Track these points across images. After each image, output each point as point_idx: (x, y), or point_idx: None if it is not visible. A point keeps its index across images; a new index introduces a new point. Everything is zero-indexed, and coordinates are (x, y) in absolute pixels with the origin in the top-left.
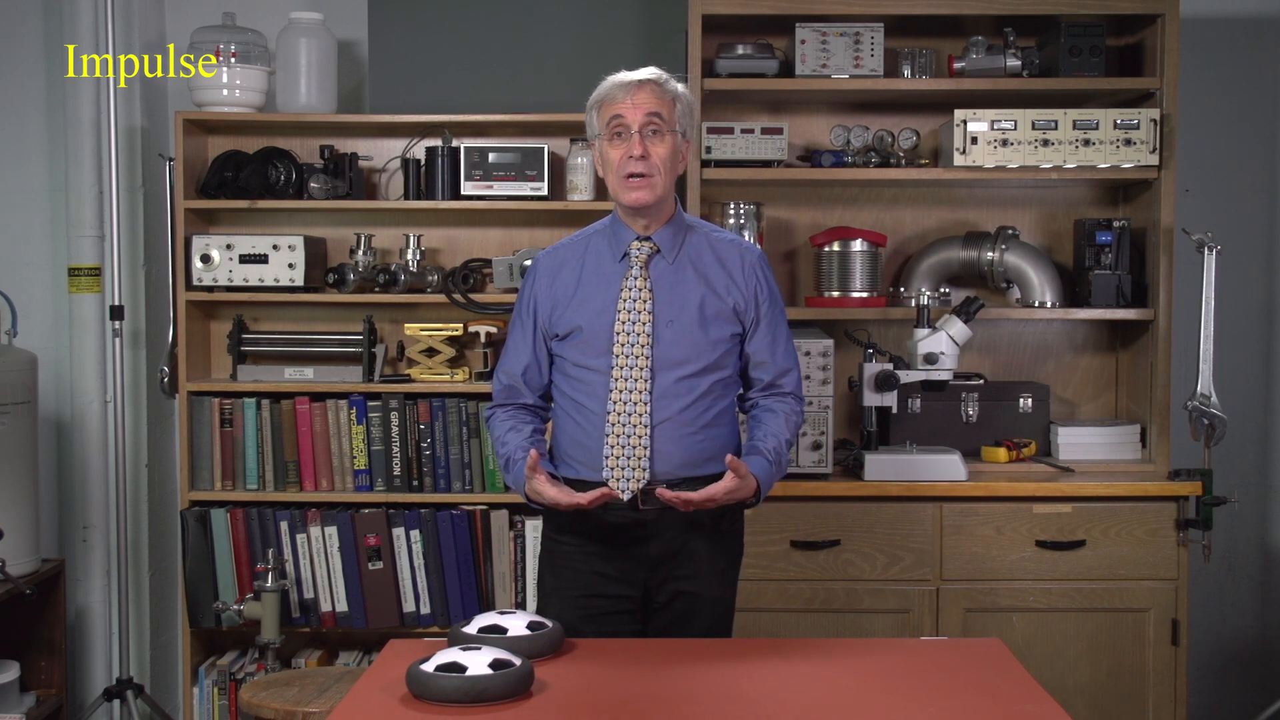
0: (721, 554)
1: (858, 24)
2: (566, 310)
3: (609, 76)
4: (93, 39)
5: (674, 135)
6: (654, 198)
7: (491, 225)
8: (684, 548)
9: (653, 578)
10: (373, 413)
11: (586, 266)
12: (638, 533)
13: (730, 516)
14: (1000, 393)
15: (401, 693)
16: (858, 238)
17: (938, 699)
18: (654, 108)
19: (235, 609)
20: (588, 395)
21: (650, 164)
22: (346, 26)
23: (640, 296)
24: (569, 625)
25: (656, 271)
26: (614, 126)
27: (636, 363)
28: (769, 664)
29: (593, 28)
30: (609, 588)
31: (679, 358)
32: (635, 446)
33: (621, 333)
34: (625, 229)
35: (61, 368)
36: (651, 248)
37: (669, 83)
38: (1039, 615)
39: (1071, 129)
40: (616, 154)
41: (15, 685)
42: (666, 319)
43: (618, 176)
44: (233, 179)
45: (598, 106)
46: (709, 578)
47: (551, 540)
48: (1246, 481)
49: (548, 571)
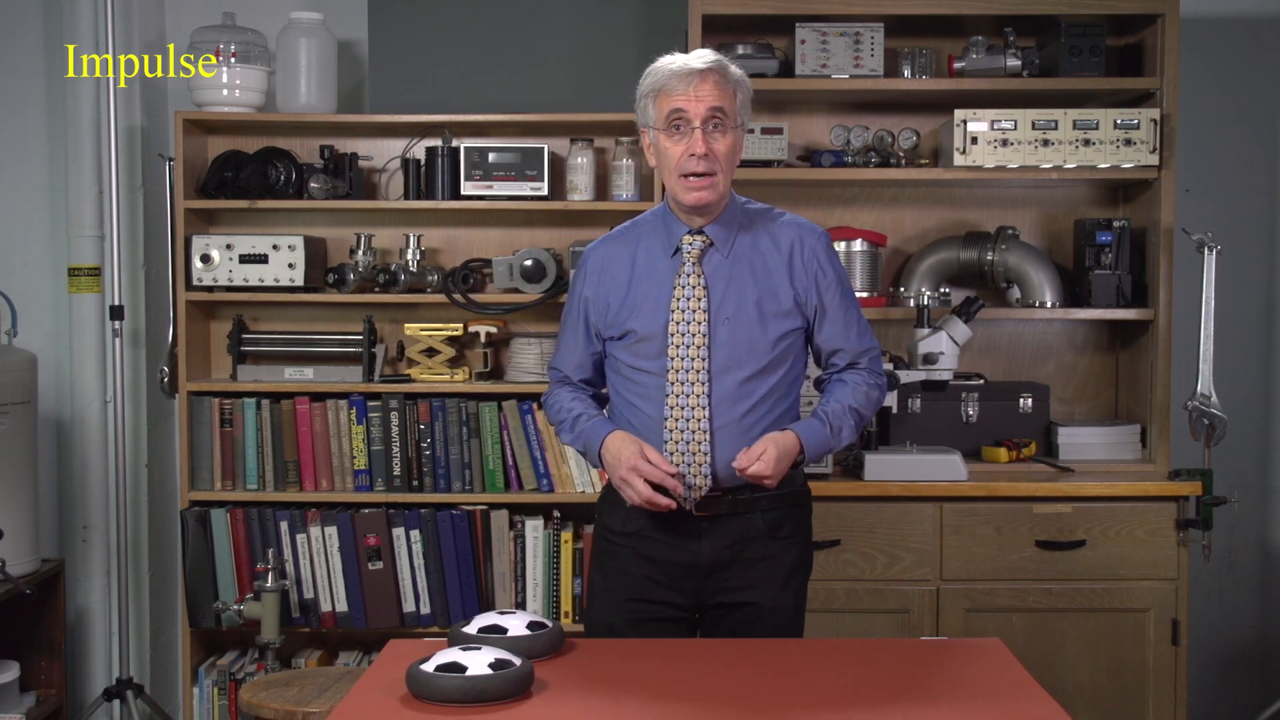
0: (781, 562)
1: (858, 24)
2: (619, 311)
3: (663, 59)
4: (93, 39)
5: (736, 130)
6: (716, 196)
7: (491, 225)
8: (739, 556)
9: (705, 586)
10: (373, 413)
11: (638, 263)
12: (691, 538)
13: (790, 523)
14: (1000, 393)
15: (401, 693)
16: (858, 238)
17: (938, 699)
18: (717, 101)
19: (235, 609)
20: (643, 398)
21: (712, 161)
22: (346, 26)
23: (695, 295)
24: (614, 629)
25: (710, 266)
26: (673, 120)
27: (693, 365)
28: (769, 664)
29: (593, 28)
30: (657, 593)
31: (738, 359)
32: (695, 454)
33: (676, 334)
34: (677, 222)
35: (61, 368)
36: (705, 241)
37: (730, 71)
38: (1039, 615)
39: (1071, 129)
40: (676, 150)
41: (15, 685)
42: (723, 317)
43: (676, 174)
44: (233, 179)
45: (654, 96)
46: (766, 586)
47: (605, 540)
48: (1246, 481)
49: (598, 571)
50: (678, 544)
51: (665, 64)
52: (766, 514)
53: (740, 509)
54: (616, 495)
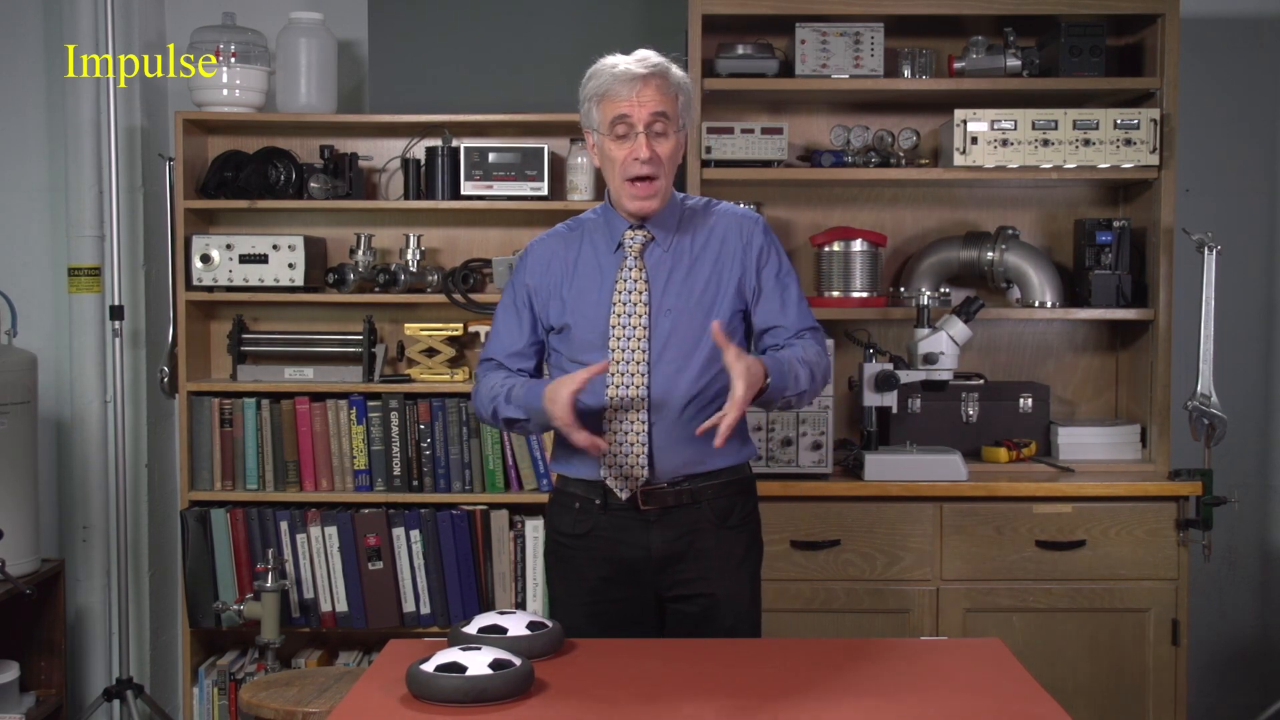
0: (732, 551)
1: (858, 24)
2: (561, 303)
3: (605, 62)
4: (93, 39)
5: (679, 133)
6: (660, 205)
7: (491, 225)
8: (690, 547)
9: (661, 579)
10: (373, 413)
11: (582, 258)
12: (640, 533)
13: (739, 511)
14: (1000, 393)
15: (401, 693)
16: (858, 238)
17: (938, 699)
18: (659, 106)
19: (235, 609)
20: (585, 392)
21: (656, 165)
22: (346, 26)
23: (636, 288)
24: (580, 630)
25: (652, 260)
26: (618, 127)
27: (633, 357)
28: (769, 664)
29: (593, 28)
30: (615, 591)
31: (678, 350)
32: (634, 444)
33: (617, 326)
34: (619, 218)
35: (61, 368)
36: (646, 236)
37: (672, 73)
38: (1039, 615)
39: (1071, 129)
40: (620, 153)
41: (15, 685)
42: (664, 309)
43: (621, 178)
44: (233, 179)
45: (597, 100)
46: (721, 576)
47: (555, 544)
48: (1246, 481)
49: (556, 576)
50: (628, 540)
51: (607, 67)
52: (714, 503)
53: (685, 500)
54: (565, 498)
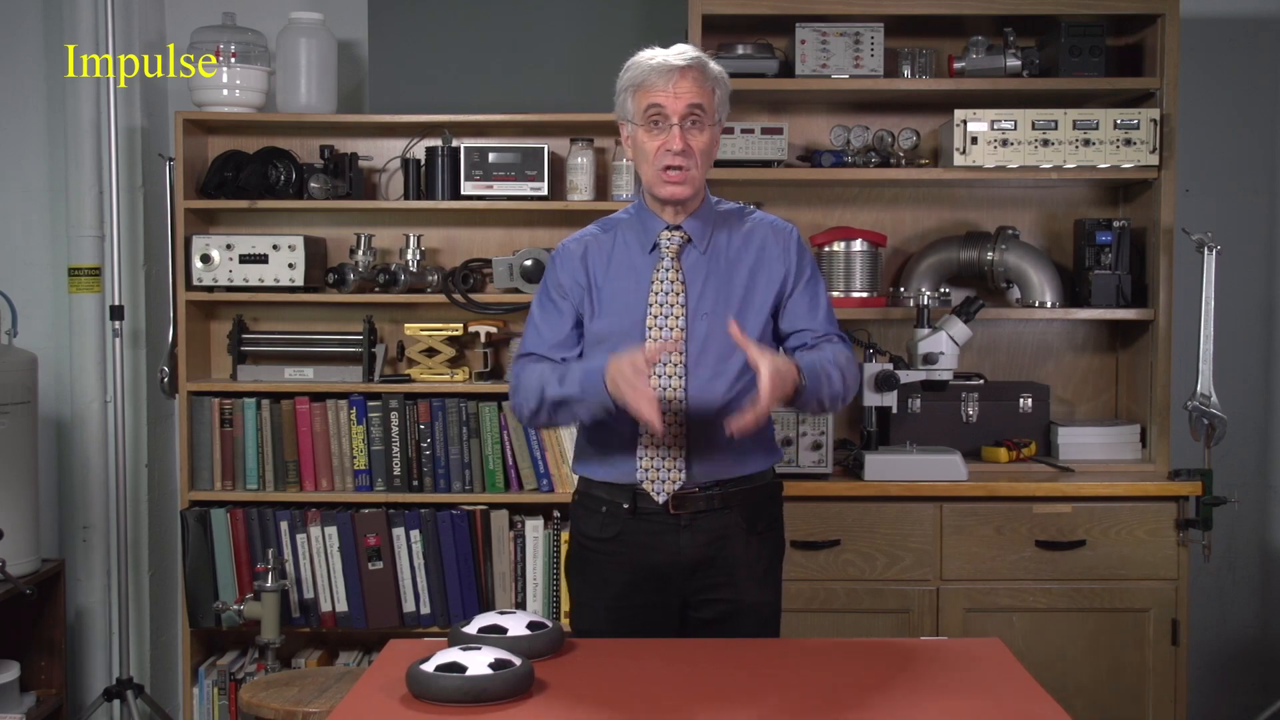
0: (760, 557)
1: (858, 24)
2: (596, 302)
3: (643, 54)
4: (93, 39)
5: (714, 127)
6: (692, 192)
7: (491, 225)
8: (720, 553)
9: (688, 585)
10: (373, 413)
11: (615, 258)
12: (671, 538)
13: (767, 518)
14: (1000, 393)
15: (401, 693)
16: (858, 238)
17: (938, 699)
18: (696, 99)
19: (235, 609)
20: None
21: (689, 157)
22: (346, 26)
23: (673, 289)
24: (601, 634)
25: (688, 262)
26: (651, 115)
27: (670, 359)
28: (768, 664)
29: (593, 28)
30: (640, 596)
31: (716, 353)
32: (670, 448)
33: (654, 328)
34: (654, 218)
35: (61, 368)
36: (683, 237)
37: (709, 68)
38: (1039, 615)
39: (1071, 129)
40: (654, 144)
41: (15, 685)
42: (701, 312)
43: (654, 168)
44: (233, 179)
45: (633, 91)
46: (747, 583)
47: (580, 547)
48: (1246, 481)
49: (579, 579)
50: (658, 545)
51: (645, 59)
52: (744, 510)
53: (716, 505)
54: (590, 501)
